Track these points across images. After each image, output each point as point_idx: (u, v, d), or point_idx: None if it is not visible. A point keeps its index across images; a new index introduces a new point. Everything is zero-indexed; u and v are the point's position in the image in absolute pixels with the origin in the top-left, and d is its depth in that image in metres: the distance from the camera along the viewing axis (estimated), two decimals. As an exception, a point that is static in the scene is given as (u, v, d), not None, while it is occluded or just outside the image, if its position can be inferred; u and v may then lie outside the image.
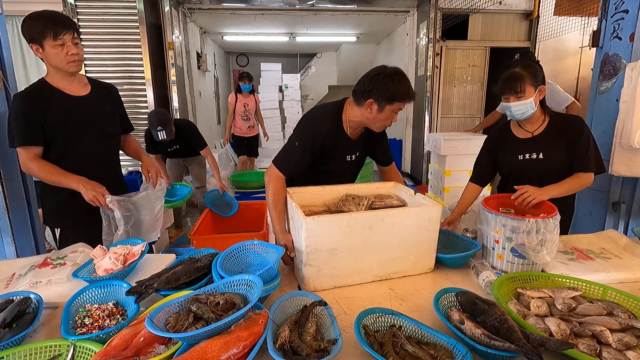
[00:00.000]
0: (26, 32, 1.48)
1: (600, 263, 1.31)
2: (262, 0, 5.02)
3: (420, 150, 5.59)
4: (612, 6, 2.21)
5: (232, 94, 4.98)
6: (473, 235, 1.49)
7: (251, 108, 5.03)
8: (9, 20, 4.33)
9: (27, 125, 1.53)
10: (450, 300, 1.06)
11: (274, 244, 1.30)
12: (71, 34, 1.50)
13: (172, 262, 1.34)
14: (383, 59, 7.87)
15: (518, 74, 1.59)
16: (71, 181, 1.57)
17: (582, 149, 1.58)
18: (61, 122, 1.58)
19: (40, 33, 1.45)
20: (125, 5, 4.19)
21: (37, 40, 1.46)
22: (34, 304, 1.05)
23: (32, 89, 1.57)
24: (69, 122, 1.60)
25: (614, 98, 2.17)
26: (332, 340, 0.88)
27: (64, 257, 1.37)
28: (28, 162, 1.55)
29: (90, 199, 1.57)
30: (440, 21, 4.96)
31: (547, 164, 1.64)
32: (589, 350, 0.86)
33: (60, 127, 1.58)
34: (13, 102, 1.57)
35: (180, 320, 0.86)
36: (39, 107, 1.54)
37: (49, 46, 1.47)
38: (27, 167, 1.57)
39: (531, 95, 1.57)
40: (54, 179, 1.57)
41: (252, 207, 3.07)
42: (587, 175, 1.58)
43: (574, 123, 1.62)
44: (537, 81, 1.59)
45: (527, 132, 1.70)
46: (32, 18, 1.47)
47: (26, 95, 1.55)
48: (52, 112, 1.56)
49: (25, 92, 1.56)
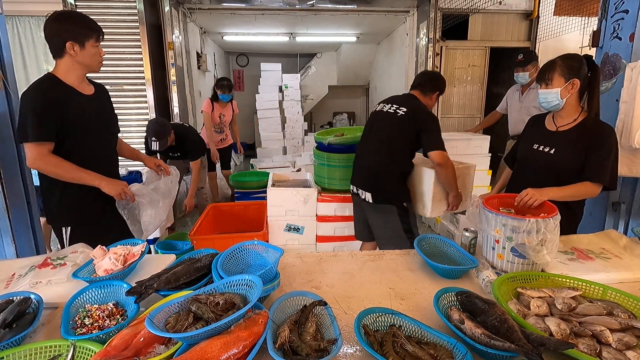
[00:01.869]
0: (66, 29, 1.50)
1: (600, 263, 1.31)
2: (262, 0, 5.02)
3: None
4: (612, 6, 2.20)
5: (207, 100, 4.26)
6: (473, 235, 1.49)
7: (227, 119, 4.43)
8: (9, 20, 4.33)
9: (44, 119, 1.49)
10: (450, 299, 1.06)
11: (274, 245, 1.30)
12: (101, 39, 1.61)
13: (172, 262, 1.34)
14: (383, 59, 7.87)
15: (551, 62, 1.57)
16: (92, 178, 1.59)
17: (600, 158, 1.51)
18: (75, 119, 1.58)
19: (86, 33, 1.53)
20: (125, 5, 4.19)
21: (79, 39, 1.52)
22: (34, 304, 1.05)
23: (46, 83, 1.54)
24: (81, 120, 1.60)
25: (614, 98, 2.17)
26: (332, 340, 0.88)
27: (64, 257, 1.37)
28: (41, 159, 1.50)
29: (119, 193, 1.63)
30: (440, 21, 4.96)
31: (554, 161, 1.61)
32: (589, 350, 0.86)
33: (74, 124, 1.58)
34: (28, 95, 1.51)
35: (180, 320, 0.86)
36: (56, 102, 1.52)
37: (90, 46, 1.55)
38: (40, 163, 1.51)
39: (559, 86, 1.53)
40: (74, 175, 1.56)
41: (252, 207, 3.07)
42: (595, 187, 1.52)
43: (602, 130, 1.54)
44: (571, 73, 1.53)
45: (554, 125, 1.66)
46: (74, 18, 1.54)
47: (43, 89, 1.52)
48: (67, 108, 1.55)
49: (41, 85, 1.53)
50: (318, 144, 2.33)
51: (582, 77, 1.55)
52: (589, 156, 1.54)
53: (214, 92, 4.30)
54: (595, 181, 1.52)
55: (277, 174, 2.85)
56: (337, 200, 2.31)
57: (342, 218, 2.36)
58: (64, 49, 1.52)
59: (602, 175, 1.51)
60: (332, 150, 2.25)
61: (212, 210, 2.87)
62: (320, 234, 2.39)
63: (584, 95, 1.61)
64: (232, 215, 2.98)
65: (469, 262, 1.34)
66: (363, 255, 1.52)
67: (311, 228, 2.38)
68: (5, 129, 2.01)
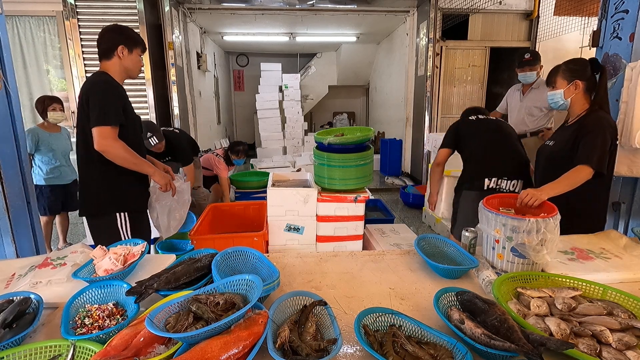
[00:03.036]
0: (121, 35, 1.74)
1: (600, 263, 1.31)
2: (262, 0, 5.02)
3: (420, 150, 5.60)
4: (612, 6, 2.20)
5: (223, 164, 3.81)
6: (473, 235, 1.49)
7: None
8: (9, 20, 4.33)
9: (116, 106, 1.67)
10: (450, 299, 1.06)
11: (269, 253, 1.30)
12: None
13: (172, 262, 1.34)
14: (383, 59, 7.88)
15: (556, 67, 1.73)
16: (147, 166, 1.79)
17: (588, 142, 1.59)
18: (129, 112, 1.76)
19: (135, 43, 1.78)
20: (125, 5, 4.20)
21: (131, 45, 1.76)
22: (34, 304, 1.05)
23: (109, 77, 1.73)
24: (130, 115, 1.78)
25: (614, 98, 2.17)
26: (332, 340, 0.88)
27: (64, 257, 1.37)
28: (116, 141, 1.64)
29: (166, 184, 1.86)
30: (440, 21, 4.96)
31: (552, 151, 1.73)
32: (589, 350, 0.86)
33: (127, 117, 1.74)
34: (98, 84, 1.67)
35: (180, 320, 0.86)
36: (122, 95, 1.73)
37: (136, 54, 1.80)
38: (113, 145, 1.63)
39: (562, 87, 1.69)
40: (136, 161, 1.72)
41: (252, 207, 3.06)
42: (584, 168, 1.56)
43: (592, 118, 1.64)
44: (573, 76, 1.67)
45: (566, 122, 1.79)
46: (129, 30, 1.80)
47: (110, 81, 1.71)
48: (127, 101, 1.76)
49: (107, 78, 1.72)
50: (318, 144, 2.33)
51: (585, 78, 1.66)
52: (580, 142, 1.62)
53: (226, 155, 3.89)
54: (583, 162, 1.57)
55: (277, 174, 2.84)
56: (337, 200, 2.31)
57: (342, 218, 2.35)
58: (114, 51, 1.73)
59: (589, 157, 1.57)
60: (332, 150, 2.25)
61: (212, 210, 2.86)
62: (320, 234, 2.39)
63: (592, 94, 1.70)
64: (232, 215, 2.98)
65: (469, 262, 1.33)
66: (363, 255, 1.52)
67: (311, 228, 2.38)
68: (6, 129, 2.01)
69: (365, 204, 2.36)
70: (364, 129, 2.38)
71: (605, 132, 1.60)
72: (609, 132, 1.60)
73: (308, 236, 2.40)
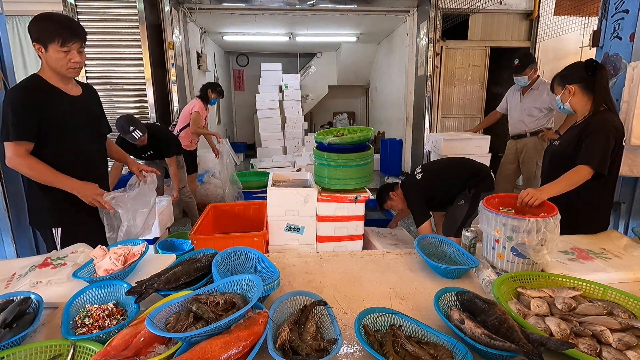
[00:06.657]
0: (33, 30, 1.47)
1: (600, 263, 1.31)
2: (262, 0, 5.02)
3: (421, 150, 5.59)
4: (612, 6, 2.21)
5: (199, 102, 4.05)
6: (473, 235, 1.49)
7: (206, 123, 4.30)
8: (9, 20, 4.33)
9: (24, 120, 1.48)
10: (451, 299, 1.06)
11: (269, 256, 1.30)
12: (78, 44, 1.52)
13: (172, 262, 1.34)
14: (383, 59, 7.87)
15: (555, 76, 1.83)
16: (64, 184, 1.55)
17: (590, 142, 1.60)
18: (58, 120, 1.56)
19: (48, 36, 1.46)
20: (125, 5, 4.20)
21: (42, 41, 1.47)
22: (34, 304, 1.05)
23: (30, 83, 1.54)
24: (66, 121, 1.58)
25: (614, 98, 2.17)
26: (332, 340, 0.88)
27: (64, 257, 1.37)
28: (18, 158, 1.49)
29: (91, 202, 1.59)
30: (440, 21, 4.96)
31: (557, 151, 1.78)
32: (589, 350, 0.86)
33: (57, 125, 1.56)
34: (11, 94, 1.51)
35: (180, 320, 0.86)
36: (38, 103, 1.51)
37: (53, 50, 1.47)
38: (16, 162, 1.49)
39: (558, 94, 1.80)
40: (46, 178, 1.54)
41: (252, 207, 3.06)
42: (583, 168, 1.57)
43: (597, 119, 1.66)
44: (563, 82, 1.76)
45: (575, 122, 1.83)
46: (44, 19, 1.48)
47: (26, 89, 1.52)
48: (50, 109, 1.53)
49: (24, 86, 1.53)
50: (318, 144, 2.33)
51: (576, 82, 1.71)
52: (583, 142, 1.63)
53: (205, 93, 4.10)
54: (583, 163, 1.59)
55: (277, 174, 2.84)
56: (337, 200, 2.31)
57: (342, 218, 2.35)
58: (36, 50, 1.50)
59: (590, 158, 1.58)
60: (332, 150, 2.25)
61: (212, 210, 2.86)
62: (320, 234, 2.39)
63: (593, 95, 1.72)
64: (232, 215, 2.98)
65: (469, 262, 1.33)
66: (363, 255, 1.52)
67: (311, 228, 2.38)
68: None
69: (365, 204, 2.36)
70: (364, 129, 2.38)
71: (608, 134, 1.60)
72: (612, 134, 1.60)
73: (308, 236, 2.39)
